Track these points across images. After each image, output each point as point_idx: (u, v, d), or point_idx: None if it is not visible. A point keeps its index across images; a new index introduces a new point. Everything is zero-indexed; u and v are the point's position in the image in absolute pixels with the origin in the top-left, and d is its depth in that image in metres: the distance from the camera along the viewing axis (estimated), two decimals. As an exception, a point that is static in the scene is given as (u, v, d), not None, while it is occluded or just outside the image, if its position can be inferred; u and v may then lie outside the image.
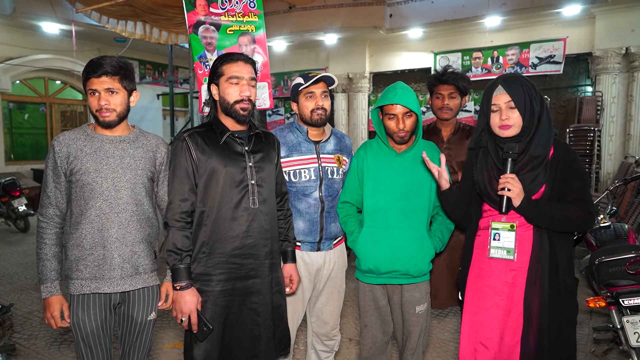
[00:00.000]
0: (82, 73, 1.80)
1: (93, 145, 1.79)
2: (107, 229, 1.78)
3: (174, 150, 1.85)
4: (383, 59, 10.47)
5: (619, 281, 2.76)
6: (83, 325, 1.79)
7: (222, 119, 1.90)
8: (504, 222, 1.83)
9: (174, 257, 1.78)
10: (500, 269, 1.84)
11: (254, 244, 1.86)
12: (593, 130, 7.97)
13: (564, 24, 8.38)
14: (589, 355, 3.11)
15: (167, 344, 3.35)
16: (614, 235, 3.43)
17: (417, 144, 2.15)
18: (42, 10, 8.32)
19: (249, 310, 1.87)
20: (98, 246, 1.77)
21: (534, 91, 1.78)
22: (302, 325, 2.43)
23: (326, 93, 2.20)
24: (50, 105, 10.64)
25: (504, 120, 1.77)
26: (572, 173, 1.78)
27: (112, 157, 1.80)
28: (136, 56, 11.42)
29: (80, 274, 1.78)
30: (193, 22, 3.82)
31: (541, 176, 1.78)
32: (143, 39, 7.34)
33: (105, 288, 1.80)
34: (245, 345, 1.87)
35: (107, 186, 1.78)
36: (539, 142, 1.78)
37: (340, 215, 2.27)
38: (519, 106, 1.76)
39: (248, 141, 1.90)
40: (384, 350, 2.32)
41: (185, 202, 1.81)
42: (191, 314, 1.77)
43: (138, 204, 1.84)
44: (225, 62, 1.87)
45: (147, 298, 1.90)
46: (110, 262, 1.78)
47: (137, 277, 1.85)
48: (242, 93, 1.84)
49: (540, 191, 1.78)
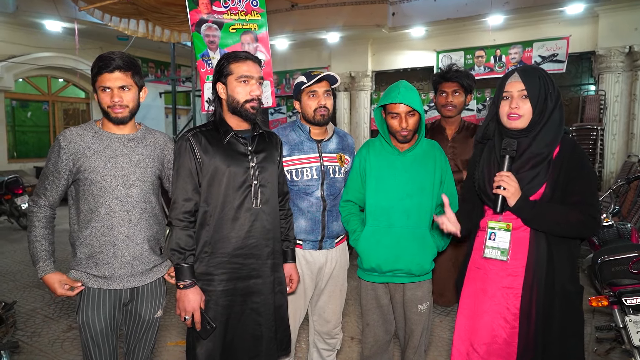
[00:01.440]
0: (93, 68, 1.77)
1: (102, 143, 1.79)
2: (117, 227, 1.78)
3: (177, 150, 1.85)
4: (385, 58, 10.46)
5: (621, 280, 2.76)
6: (93, 324, 1.80)
7: (227, 118, 1.89)
8: (500, 222, 1.77)
9: (178, 256, 1.79)
10: (496, 272, 1.78)
11: (256, 244, 1.86)
12: (596, 129, 7.95)
13: (567, 23, 8.35)
14: (591, 355, 3.10)
15: (169, 341, 3.36)
16: (617, 234, 3.43)
17: (420, 142, 2.15)
18: (44, 8, 8.33)
19: (250, 310, 1.87)
20: (108, 244, 1.78)
21: (551, 86, 1.70)
22: (304, 323, 2.44)
23: (329, 92, 2.20)
24: (53, 103, 10.66)
25: (513, 109, 1.69)
26: (577, 173, 1.67)
27: (122, 156, 1.80)
28: (139, 54, 11.41)
29: (90, 270, 1.79)
30: (196, 20, 3.82)
31: (542, 175, 1.69)
32: (145, 37, 7.36)
33: (115, 285, 1.81)
34: (247, 345, 1.87)
35: (116, 184, 1.78)
36: (544, 139, 1.69)
37: (342, 214, 2.27)
38: (532, 97, 1.68)
39: (251, 141, 1.90)
40: (386, 348, 2.32)
41: (188, 202, 1.81)
42: (194, 312, 1.78)
43: (147, 202, 1.85)
44: (234, 61, 1.85)
45: (155, 294, 1.92)
46: (120, 260, 1.79)
47: (147, 273, 1.87)
48: (253, 92, 1.84)
49: (539, 191, 1.70)
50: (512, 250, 1.74)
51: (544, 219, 1.67)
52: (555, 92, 1.70)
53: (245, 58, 1.85)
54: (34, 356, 3.17)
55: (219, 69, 1.87)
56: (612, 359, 3.05)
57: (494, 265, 1.78)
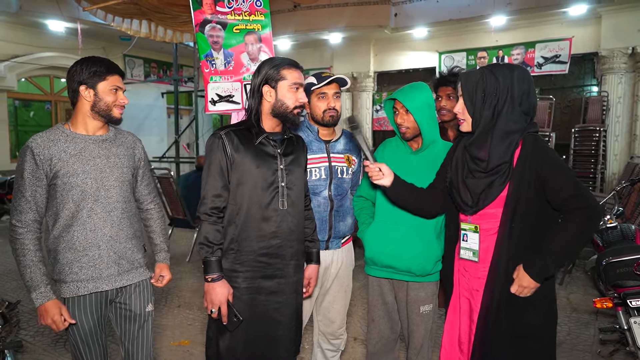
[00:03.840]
0: (98, 67, 1.78)
1: (77, 146, 1.78)
2: (100, 228, 1.80)
3: (210, 147, 1.86)
4: (388, 59, 10.46)
5: (626, 282, 2.75)
6: (81, 325, 1.80)
7: (264, 119, 1.90)
8: (469, 223, 1.77)
9: (206, 250, 1.80)
10: (470, 274, 1.78)
11: (280, 244, 1.88)
12: (599, 131, 7.95)
13: (570, 24, 8.35)
14: (595, 357, 3.10)
15: (172, 341, 3.36)
16: (621, 236, 3.42)
17: (435, 144, 2.14)
18: (47, 8, 8.35)
19: (272, 309, 1.89)
20: (92, 247, 1.78)
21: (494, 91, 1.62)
22: (308, 324, 2.44)
23: (338, 94, 2.21)
24: (55, 103, 10.67)
25: (457, 112, 1.73)
26: (548, 171, 1.59)
27: (99, 157, 1.81)
28: (141, 54, 11.45)
29: (75, 276, 1.77)
30: (200, 20, 3.82)
31: (500, 181, 1.64)
32: (148, 38, 7.37)
33: (104, 286, 1.82)
34: (267, 344, 1.89)
35: (97, 186, 1.79)
36: (496, 150, 1.63)
37: (354, 208, 2.31)
38: (467, 102, 1.67)
39: (281, 144, 1.92)
40: (392, 348, 2.32)
41: (218, 199, 1.83)
42: (222, 306, 1.80)
43: (127, 201, 1.89)
44: (287, 67, 1.86)
45: (142, 290, 1.96)
46: (106, 261, 1.81)
47: (133, 271, 1.91)
48: (302, 99, 1.87)
49: (502, 195, 1.65)
50: (481, 252, 1.74)
51: (561, 257, 1.61)
52: (500, 97, 1.62)
53: (296, 66, 1.88)
54: (38, 355, 3.17)
55: (268, 73, 1.86)
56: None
57: (468, 266, 1.79)
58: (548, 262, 1.59)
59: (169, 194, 5.75)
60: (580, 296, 4.32)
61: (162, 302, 4.08)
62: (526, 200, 1.62)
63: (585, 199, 1.56)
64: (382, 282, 2.24)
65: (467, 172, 1.74)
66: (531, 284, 1.61)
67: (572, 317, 3.81)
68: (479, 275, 1.75)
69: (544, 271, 1.60)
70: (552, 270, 1.62)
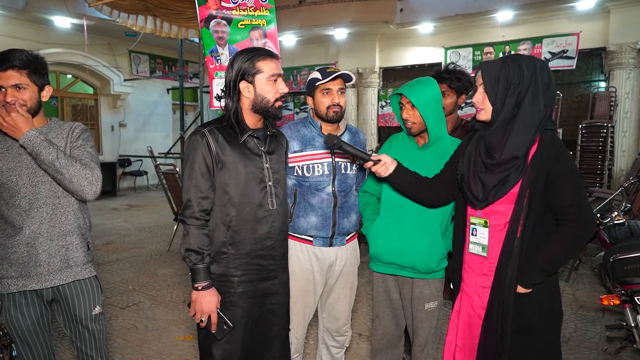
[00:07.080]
0: None
1: (5, 144, 1.76)
2: (29, 225, 1.74)
3: (192, 145, 1.75)
4: (393, 54, 10.42)
5: (633, 279, 2.74)
6: (17, 322, 1.78)
7: (245, 116, 1.81)
8: (479, 218, 1.74)
9: (195, 257, 1.71)
10: (475, 271, 1.77)
11: (273, 245, 1.85)
12: (606, 127, 7.88)
13: (578, 19, 8.26)
14: (602, 354, 3.08)
15: (177, 336, 3.38)
16: (629, 232, 3.40)
17: (442, 140, 2.12)
18: (53, 4, 8.38)
19: (267, 311, 1.87)
20: (21, 244, 1.74)
21: (517, 80, 1.61)
22: (313, 320, 2.44)
23: (343, 90, 2.18)
24: (61, 99, 10.72)
25: (476, 101, 1.70)
26: (558, 173, 1.60)
27: (25, 154, 1.73)
28: (146, 50, 11.48)
29: (5, 272, 1.75)
30: (205, 16, 3.82)
31: (514, 176, 1.63)
32: (153, 33, 7.39)
33: (34, 285, 1.76)
34: (264, 346, 1.88)
35: (23, 183, 1.74)
36: (514, 139, 1.62)
37: (360, 204, 2.30)
38: (488, 90, 1.64)
39: (264, 141, 1.86)
40: (396, 344, 2.31)
41: (205, 200, 1.74)
42: (211, 314, 1.73)
43: (60, 196, 1.80)
44: (262, 58, 1.76)
45: (85, 292, 1.86)
46: (35, 259, 1.75)
47: (67, 270, 1.81)
48: (282, 90, 1.79)
49: (513, 190, 1.64)
50: (490, 247, 1.73)
51: (549, 268, 1.64)
52: (524, 86, 1.61)
53: (273, 56, 1.79)
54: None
55: (242, 67, 1.75)
56: (623, 358, 3.02)
57: (475, 262, 1.78)
58: (535, 273, 1.64)
59: (174, 190, 5.77)
60: (587, 293, 4.30)
61: (168, 298, 4.10)
62: (538, 198, 1.62)
63: (581, 212, 1.59)
64: (387, 278, 2.23)
65: (481, 166, 1.72)
66: (520, 290, 1.67)
67: (579, 314, 3.80)
68: (485, 272, 1.74)
69: (533, 280, 1.65)
70: (541, 279, 1.65)
